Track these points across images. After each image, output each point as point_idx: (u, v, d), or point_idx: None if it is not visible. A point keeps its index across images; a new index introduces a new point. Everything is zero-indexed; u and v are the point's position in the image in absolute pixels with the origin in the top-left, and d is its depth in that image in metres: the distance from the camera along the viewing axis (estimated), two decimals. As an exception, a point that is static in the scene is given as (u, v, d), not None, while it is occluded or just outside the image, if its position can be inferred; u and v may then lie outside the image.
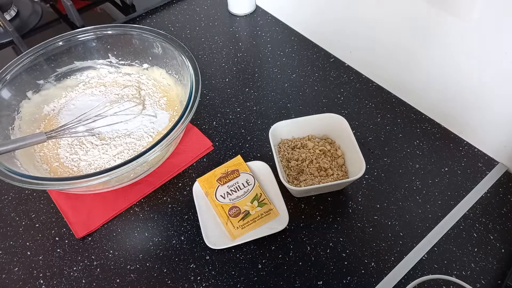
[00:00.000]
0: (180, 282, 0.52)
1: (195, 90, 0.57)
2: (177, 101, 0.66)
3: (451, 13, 0.54)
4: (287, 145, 0.61)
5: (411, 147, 0.64)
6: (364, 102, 0.70)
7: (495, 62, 0.53)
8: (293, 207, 0.58)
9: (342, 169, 0.59)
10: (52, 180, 0.49)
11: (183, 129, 0.54)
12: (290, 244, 0.54)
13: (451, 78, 0.60)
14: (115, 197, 0.59)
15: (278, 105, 0.70)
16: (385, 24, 0.64)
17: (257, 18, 0.87)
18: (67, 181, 0.48)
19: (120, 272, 0.53)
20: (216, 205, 0.56)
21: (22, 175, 0.49)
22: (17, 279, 0.52)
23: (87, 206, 0.58)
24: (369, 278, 0.51)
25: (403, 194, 0.59)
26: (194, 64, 0.60)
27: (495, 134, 0.60)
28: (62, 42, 0.65)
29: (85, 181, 0.48)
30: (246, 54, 0.79)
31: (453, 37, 0.56)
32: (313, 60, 0.77)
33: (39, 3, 0.91)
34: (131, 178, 0.57)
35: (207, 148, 0.64)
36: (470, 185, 0.59)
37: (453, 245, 0.53)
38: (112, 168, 0.49)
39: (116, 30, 0.67)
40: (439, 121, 0.67)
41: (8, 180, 0.48)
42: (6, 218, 0.58)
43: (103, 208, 0.58)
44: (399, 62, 0.66)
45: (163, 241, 0.55)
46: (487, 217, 0.56)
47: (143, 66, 0.70)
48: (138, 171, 0.56)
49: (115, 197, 0.59)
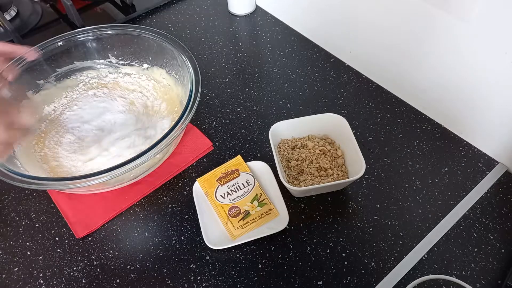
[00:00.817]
0: (180, 282, 0.52)
1: (195, 91, 0.57)
2: (177, 102, 0.66)
3: (451, 13, 0.54)
4: (287, 145, 0.61)
5: (411, 147, 0.64)
6: (364, 102, 0.70)
7: (495, 62, 0.53)
8: (293, 207, 0.58)
9: (342, 169, 0.59)
10: (52, 180, 0.49)
11: (183, 130, 0.54)
12: (290, 244, 0.54)
13: (451, 78, 0.60)
14: (115, 197, 0.59)
15: (278, 105, 0.70)
16: (385, 24, 0.64)
17: (257, 18, 0.87)
18: (67, 181, 0.48)
19: (120, 272, 0.53)
20: (216, 205, 0.56)
21: (22, 175, 0.49)
22: (17, 279, 0.52)
23: (87, 206, 0.58)
24: (369, 278, 0.51)
25: (403, 194, 0.59)
26: (194, 64, 0.60)
27: (495, 134, 0.60)
28: (62, 42, 0.65)
29: (85, 181, 0.48)
30: (246, 54, 0.79)
31: (453, 37, 0.56)
32: (313, 60, 0.77)
33: (39, 3, 0.91)
34: (131, 178, 0.57)
35: (207, 148, 0.64)
36: (470, 185, 0.59)
37: (453, 245, 0.53)
38: (112, 168, 0.49)
39: (116, 30, 0.66)
40: (439, 121, 0.67)
41: (8, 180, 0.48)
42: (6, 218, 0.58)
43: (103, 208, 0.58)
44: (399, 62, 0.66)
45: (163, 241, 0.55)
46: (487, 217, 0.56)
47: (143, 66, 0.70)
48: (138, 171, 0.56)
49: (115, 197, 0.59)
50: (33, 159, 0.59)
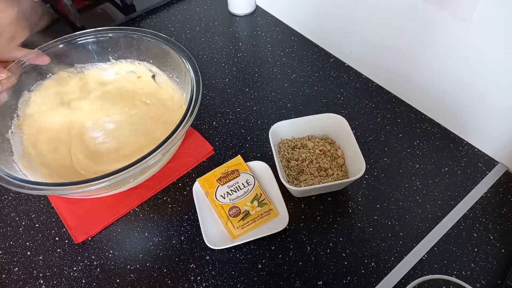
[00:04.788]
0: (180, 282, 0.52)
1: (195, 94, 0.57)
2: (177, 105, 0.66)
3: (451, 12, 0.54)
4: (287, 145, 0.61)
5: (411, 147, 0.64)
6: (364, 102, 0.70)
7: (495, 62, 0.53)
8: (293, 207, 0.58)
9: (342, 169, 0.59)
10: (51, 185, 0.48)
11: (183, 134, 0.54)
12: (290, 244, 0.54)
13: (451, 78, 0.60)
14: (114, 202, 0.58)
15: (278, 105, 0.70)
16: (385, 24, 0.64)
17: (257, 18, 0.87)
18: (66, 186, 0.48)
19: (120, 272, 0.53)
20: (216, 205, 0.56)
21: (21, 180, 0.49)
22: (17, 279, 0.52)
23: (86, 211, 0.58)
24: (369, 278, 0.51)
25: (403, 194, 0.59)
26: (195, 67, 0.60)
27: (495, 134, 0.60)
28: (63, 45, 0.65)
29: (84, 186, 0.48)
30: (246, 54, 0.79)
31: (453, 37, 0.56)
32: (313, 60, 0.77)
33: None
34: (130, 182, 0.57)
35: (208, 153, 0.64)
36: (470, 185, 0.59)
37: (453, 245, 0.54)
38: (111, 173, 0.48)
39: (117, 33, 0.66)
40: (439, 121, 0.67)
41: (7, 185, 0.48)
42: (6, 218, 0.58)
43: (102, 213, 0.57)
44: (399, 62, 0.66)
45: (163, 241, 0.55)
46: (487, 217, 0.56)
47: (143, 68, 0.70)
48: (137, 176, 0.56)
49: (114, 202, 0.58)
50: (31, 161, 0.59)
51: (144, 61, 0.69)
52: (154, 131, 0.63)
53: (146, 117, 0.65)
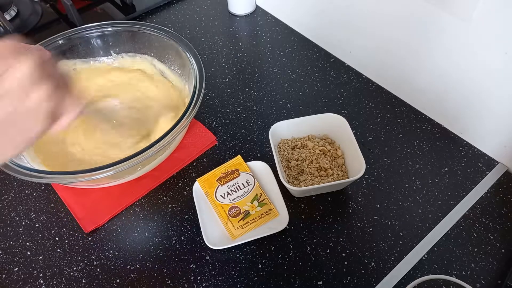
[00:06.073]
0: (180, 282, 0.52)
1: (199, 85, 0.58)
2: (180, 97, 0.66)
3: (451, 13, 0.54)
4: (287, 145, 0.61)
5: (411, 147, 0.64)
6: (364, 102, 0.70)
7: (495, 62, 0.53)
8: (293, 207, 0.57)
9: (342, 169, 0.59)
10: (56, 174, 0.50)
11: (187, 124, 0.55)
12: (290, 244, 0.54)
13: (451, 78, 0.60)
14: (120, 192, 0.59)
15: (278, 105, 0.70)
16: (385, 24, 0.64)
17: (257, 18, 0.87)
18: (73, 175, 0.49)
19: (120, 272, 0.53)
20: (216, 205, 0.56)
21: (28, 169, 0.50)
22: (17, 279, 0.52)
23: (94, 202, 0.59)
24: (369, 278, 0.51)
25: (403, 194, 0.59)
26: (198, 60, 0.61)
27: (495, 134, 0.60)
28: (62, 41, 0.65)
29: (90, 174, 0.49)
30: (246, 54, 0.79)
31: (453, 37, 0.56)
32: (313, 60, 0.77)
33: (39, 3, 0.91)
34: (135, 173, 0.57)
35: (211, 142, 0.65)
36: (470, 185, 0.59)
37: (453, 245, 0.54)
38: (117, 162, 0.49)
39: (118, 27, 0.67)
40: (439, 121, 0.67)
41: (15, 174, 0.49)
42: (6, 218, 0.58)
43: (109, 203, 0.58)
44: (399, 62, 0.66)
45: (163, 241, 0.55)
46: (487, 217, 0.56)
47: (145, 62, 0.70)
48: (143, 166, 0.57)
49: (121, 192, 0.59)
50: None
51: (145, 54, 0.69)
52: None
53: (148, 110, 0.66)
